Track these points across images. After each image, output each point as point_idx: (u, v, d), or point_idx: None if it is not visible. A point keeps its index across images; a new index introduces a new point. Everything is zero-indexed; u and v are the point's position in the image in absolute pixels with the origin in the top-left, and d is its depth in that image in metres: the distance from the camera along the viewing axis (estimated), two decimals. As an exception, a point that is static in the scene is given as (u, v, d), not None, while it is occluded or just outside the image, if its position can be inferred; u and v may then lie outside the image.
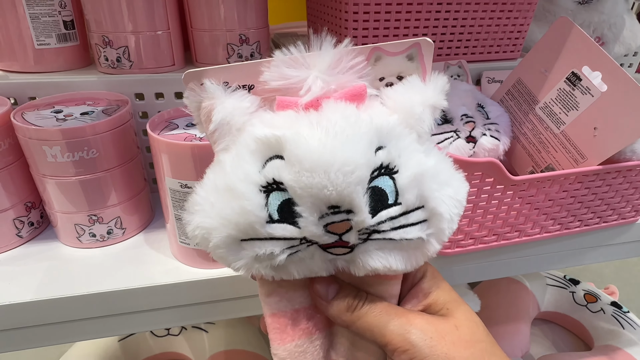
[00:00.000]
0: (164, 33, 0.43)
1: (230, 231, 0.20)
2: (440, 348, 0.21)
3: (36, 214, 0.41)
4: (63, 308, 0.35)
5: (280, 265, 0.21)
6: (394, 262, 0.21)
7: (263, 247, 0.20)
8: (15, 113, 0.37)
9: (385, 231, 0.20)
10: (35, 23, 0.41)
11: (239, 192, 0.19)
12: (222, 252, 0.20)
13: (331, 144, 0.19)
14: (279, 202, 0.20)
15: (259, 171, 0.20)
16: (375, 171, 0.20)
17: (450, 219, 0.21)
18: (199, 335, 0.72)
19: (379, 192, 0.20)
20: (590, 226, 0.45)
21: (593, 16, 0.64)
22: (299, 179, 0.19)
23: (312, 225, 0.19)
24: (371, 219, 0.20)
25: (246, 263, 0.20)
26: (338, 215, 0.19)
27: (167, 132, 0.35)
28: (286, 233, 0.20)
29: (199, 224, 0.20)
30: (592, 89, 0.38)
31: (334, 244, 0.20)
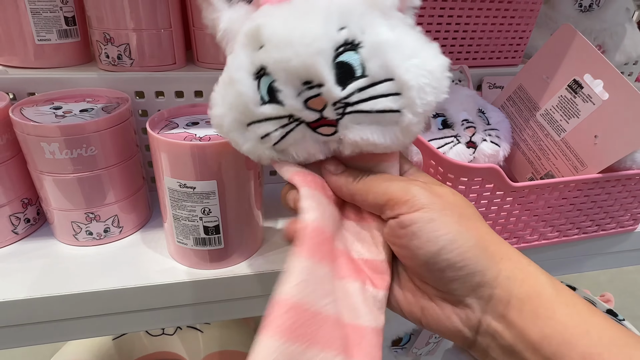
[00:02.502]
0: (165, 31, 0.43)
1: (234, 114, 0.24)
2: (438, 201, 0.23)
3: (33, 210, 0.41)
4: (58, 306, 0.35)
5: (279, 147, 0.24)
6: (371, 135, 0.23)
7: (261, 127, 0.24)
8: (14, 108, 0.37)
9: (357, 102, 0.22)
10: (36, 18, 0.41)
11: (235, 79, 0.23)
12: (233, 135, 0.25)
13: (292, 22, 0.22)
14: (267, 84, 0.23)
15: (251, 61, 0.23)
16: (340, 47, 0.22)
17: (420, 88, 0.22)
18: (194, 335, 0.71)
19: (346, 66, 0.22)
20: (588, 234, 0.45)
21: (594, 24, 0.64)
22: (270, 55, 0.22)
23: (292, 100, 0.22)
24: (341, 91, 0.22)
25: (252, 144, 0.24)
26: (312, 90, 0.22)
27: (167, 131, 0.35)
28: (274, 111, 0.23)
29: (215, 114, 0.25)
30: (593, 97, 0.38)
31: (319, 122, 0.23)
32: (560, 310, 0.22)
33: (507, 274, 0.22)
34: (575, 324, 0.21)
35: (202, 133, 0.35)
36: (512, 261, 0.23)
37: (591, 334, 0.21)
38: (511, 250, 0.24)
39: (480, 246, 0.23)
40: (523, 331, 0.22)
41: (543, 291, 0.22)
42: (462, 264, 0.22)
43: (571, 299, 0.22)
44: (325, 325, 0.21)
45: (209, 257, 0.37)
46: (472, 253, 0.22)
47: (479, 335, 0.24)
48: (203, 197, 0.34)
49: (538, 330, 0.21)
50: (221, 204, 0.35)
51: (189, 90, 0.45)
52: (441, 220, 0.23)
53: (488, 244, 0.23)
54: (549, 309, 0.22)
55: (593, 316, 0.22)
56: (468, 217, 0.24)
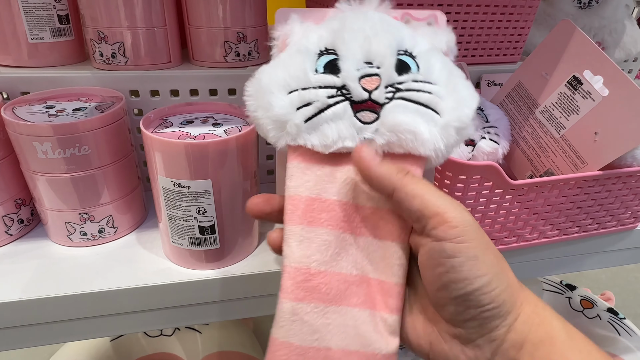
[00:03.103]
0: (160, 29, 0.42)
1: (283, 74, 0.24)
2: (483, 237, 0.22)
3: (26, 211, 0.41)
4: (52, 308, 0.35)
5: (313, 122, 0.23)
6: (414, 121, 0.23)
7: (307, 93, 0.24)
8: (6, 108, 0.36)
9: (407, 90, 0.24)
10: (29, 16, 0.40)
11: (300, 46, 0.25)
12: (271, 95, 0.24)
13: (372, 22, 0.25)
14: (326, 61, 0.24)
15: (318, 40, 0.25)
16: (401, 51, 0.25)
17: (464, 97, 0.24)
18: (192, 336, 0.71)
19: (404, 63, 0.25)
20: (588, 232, 0.45)
21: (594, 21, 0.63)
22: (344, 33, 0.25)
23: (351, 67, 0.24)
24: (397, 76, 0.24)
25: (288, 108, 0.24)
26: (372, 69, 0.24)
27: (161, 130, 0.35)
28: (328, 79, 0.24)
29: (258, 77, 0.25)
30: (593, 94, 0.37)
31: (364, 105, 0.23)
32: (574, 357, 0.21)
33: (524, 318, 0.22)
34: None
35: (196, 132, 0.34)
36: (530, 305, 0.23)
37: None
38: (530, 294, 0.23)
39: (509, 290, 0.22)
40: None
41: (557, 337, 0.22)
42: (490, 306, 0.22)
43: (585, 346, 0.22)
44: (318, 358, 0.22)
45: (204, 257, 0.37)
46: (502, 297, 0.22)
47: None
48: (198, 197, 0.33)
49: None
50: (216, 204, 0.34)
51: (184, 89, 0.44)
52: (483, 259, 0.21)
53: (515, 289, 0.23)
54: (561, 356, 0.21)
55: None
56: (500, 257, 0.23)
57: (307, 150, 0.24)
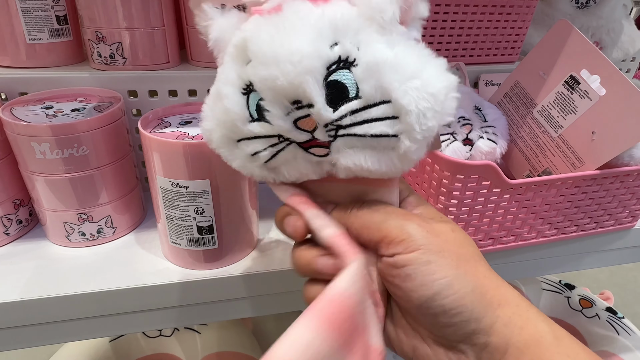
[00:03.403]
0: (158, 30, 0.43)
1: (223, 130, 0.23)
2: (435, 241, 0.22)
3: (25, 211, 0.41)
4: (51, 308, 0.35)
5: (270, 165, 0.23)
6: (364, 161, 0.21)
7: (250, 145, 0.22)
8: (4, 108, 0.36)
9: (349, 126, 0.21)
10: (27, 17, 0.40)
11: (223, 94, 0.22)
12: (222, 151, 0.24)
13: (279, 37, 0.20)
14: (255, 102, 0.21)
15: (238, 75, 0.22)
16: (332, 65, 0.20)
17: (419, 112, 0.20)
18: (192, 337, 0.71)
19: (339, 86, 0.20)
20: (586, 231, 0.45)
21: (591, 21, 0.63)
22: (256, 72, 0.20)
23: (280, 120, 0.21)
24: (332, 113, 0.20)
25: (242, 162, 0.23)
26: (302, 110, 0.20)
27: (160, 130, 0.35)
28: (262, 130, 0.22)
29: (204, 127, 0.24)
30: (590, 93, 0.38)
31: (311, 143, 0.22)
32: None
33: (504, 321, 0.21)
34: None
35: (194, 132, 0.34)
36: (510, 306, 0.22)
37: None
38: (511, 294, 0.22)
39: (477, 292, 0.21)
40: None
41: (543, 340, 0.21)
42: (457, 310, 0.21)
43: (573, 349, 0.21)
44: None
45: (203, 257, 0.37)
46: (468, 299, 0.21)
47: None
48: (196, 197, 0.33)
49: None
50: (215, 204, 0.34)
51: (182, 89, 0.44)
52: (438, 262, 0.21)
53: (487, 289, 0.22)
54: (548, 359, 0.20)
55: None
56: (467, 259, 0.23)
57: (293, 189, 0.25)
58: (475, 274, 0.22)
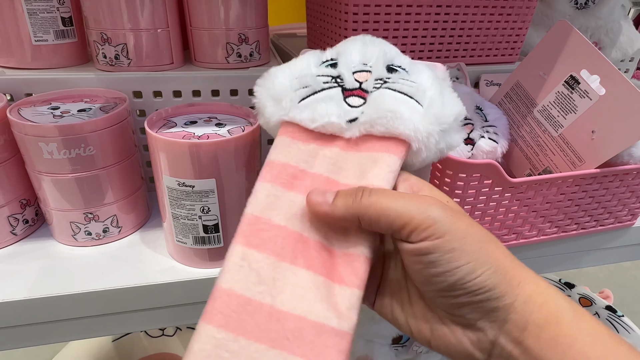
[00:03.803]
0: (163, 31, 0.43)
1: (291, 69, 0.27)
2: (459, 224, 0.22)
3: (31, 211, 0.41)
4: (57, 307, 0.35)
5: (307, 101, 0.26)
6: (394, 103, 0.25)
7: (307, 78, 0.27)
8: (12, 109, 0.36)
9: (394, 83, 0.26)
10: (33, 19, 0.41)
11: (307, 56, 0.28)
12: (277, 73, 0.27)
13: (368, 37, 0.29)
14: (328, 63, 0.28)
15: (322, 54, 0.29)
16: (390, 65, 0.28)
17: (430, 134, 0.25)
18: (194, 336, 0.71)
19: (393, 68, 0.27)
20: (587, 229, 0.45)
21: (590, 21, 0.64)
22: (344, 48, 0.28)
23: (347, 66, 0.27)
24: (387, 73, 0.27)
25: (287, 86, 0.26)
26: (365, 66, 0.27)
27: (166, 130, 0.35)
28: (326, 70, 0.27)
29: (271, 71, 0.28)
30: (590, 93, 0.38)
31: (354, 92, 0.26)
32: (582, 339, 0.20)
33: (524, 298, 0.21)
34: (597, 355, 0.20)
35: (200, 132, 0.35)
36: (530, 285, 0.22)
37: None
38: (530, 274, 0.22)
39: (499, 272, 0.21)
40: (541, 358, 0.20)
41: (563, 317, 0.21)
42: (480, 292, 0.21)
43: (593, 327, 0.21)
44: (259, 314, 0.20)
45: (208, 255, 0.37)
46: (491, 280, 0.21)
47: (492, 358, 0.23)
48: (202, 196, 0.34)
49: (557, 359, 0.20)
50: (220, 202, 0.35)
51: (186, 90, 0.45)
52: (462, 249, 0.21)
53: (507, 269, 0.22)
54: (568, 337, 0.20)
55: (617, 345, 0.20)
56: (487, 240, 0.22)
57: (296, 128, 0.26)
58: (496, 254, 0.22)
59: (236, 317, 0.20)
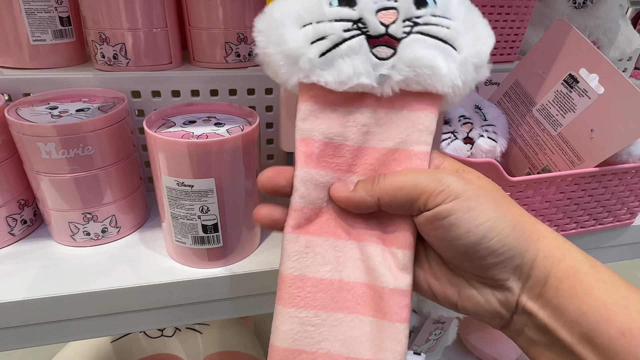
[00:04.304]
0: (161, 31, 0.43)
1: (297, 7, 0.23)
2: (472, 188, 0.23)
3: (29, 211, 0.41)
4: (56, 307, 0.35)
5: (327, 57, 0.23)
6: (432, 55, 0.22)
7: (322, 27, 0.23)
8: (10, 109, 0.36)
9: (425, 25, 0.23)
10: (31, 19, 0.41)
11: None
12: (283, 29, 0.23)
13: None
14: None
15: None
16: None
17: (481, 34, 0.24)
18: (193, 337, 0.71)
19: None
20: (585, 228, 0.45)
21: (588, 21, 0.64)
22: None
23: (368, 3, 0.22)
24: (416, 10, 0.23)
25: (301, 43, 0.23)
26: (389, 1, 0.23)
27: (164, 130, 0.35)
28: (343, 11, 0.23)
29: (270, 12, 0.24)
30: (589, 91, 0.38)
31: (380, 40, 0.23)
32: (598, 287, 0.21)
33: (545, 253, 0.22)
34: (613, 300, 0.21)
35: (199, 131, 0.35)
36: (548, 240, 0.23)
37: (629, 309, 0.21)
38: (547, 229, 0.24)
39: (519, 229, 0.22)
40: (560, 309, 0.22)
41: (580, 269, 0.22)
42: (503, 249, 0.22)
43: (609, 276, 0.22)
44: (331, 289, 0.23)
45: (207, 255, 0.37)
46: (512, 237, 0.22)
47: (515, 315, 0.24)
48: (201, 195, 0.34)
49: (575, 308, 0.21)
50: (219, 202, 0.34)
51: (185, 90, 0.45)
52: (479, 208, 0.22)
53: (525, 225, 0.23)
54: (586, 286, 0.21)
55: (631, 292, 0.21)
56: (502, 200, 0.23)
57: (320, 91, 0.24)
58: (512, 213, 0.23)
59: (313, 297, 0.23)
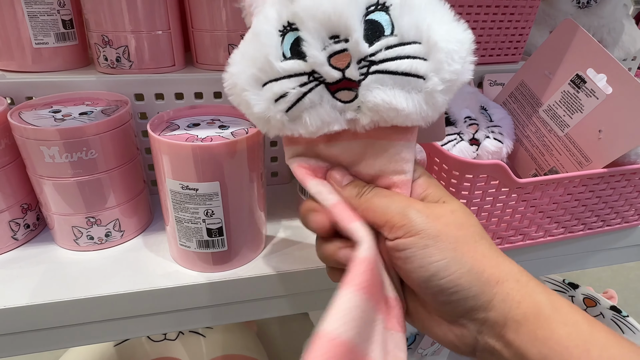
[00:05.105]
0: (164, 33, 0.43)
1: (252, 70, 0.23)
2: (434, 226, 0.23)
3: (32, 216, 0.41)
4: (59, 312, 0.34)
5: (292, 113, 0.23)
6: (394, 98, 0.22)
7: (278, 85, 0.22)
8: (12, 113, 0.36)
9: (382, 61, 0.22)
10: (34, 22, 0.40)
11: (259, 32, 0.23)
12: (246, 94, 0.23)
13: None
14: (291, 40, 0.22)
15: (279, 14, 0.23)
16: (371, 6, 0.22)
17: (448, 52, 0.22)
18: (197, 340, 0.71)
19: (375, 24, 0.22)
20: (593, 230, 0.45)
21: (593, 20, 0.64)
22: (301, 3, 0.21)
23: (316, 51, 0.21)
24: (368, 47, 0.21)
25: (265, 105, 0.23)
26: (338, 44, 0.21)
27: (168, 133, 0.35)
28: (295, 66, 0.22)
29: (231, 71, 0.24)
30: (597, 92, 0.38)
31: (340, 84, 0.22)
32: (559, 330, 0.21)
33: (502, 297, 0.22)
34: (575, 344, 0.21)
35: (203, 134, 0.34)
36: (509, 282, 0.23)
37: (591, 352, 0.20)
38: (510, 269, 0.23)
39: (474, 271, 0.22)
40: (522, 351, 0.21)
41: (541, 311, 0.22)
42: (454, 289, 0.22)
43: (571, 317, 0.22)
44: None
45: (212, 259, 0.37)
46: (465, 279, 0.22)
47: (478, 351, 0.24)
48: (206, 199, 0.33)
49: (537, 351, 0.21)
50: (224, 206, 0.34)
51: (188, 92, 0.44)
52: (436, 246, 0.23)
53: (484, 268, 0.23)
54: (547, 329, 0.21)
55: (594, 333, 0.21)
56: (466, 241, 0.23)
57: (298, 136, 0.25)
58: (473, 254, 0.23)
59: None
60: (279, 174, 0.52)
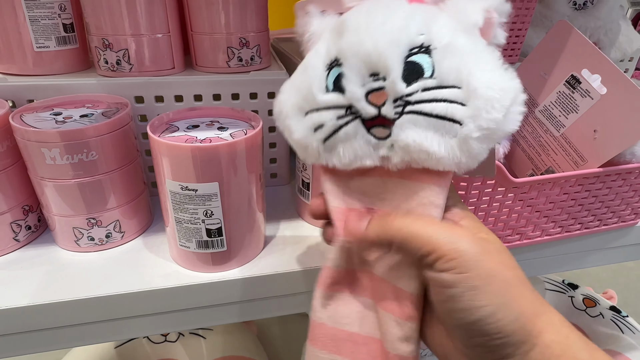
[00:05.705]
0: (164, 36, 0.43)
1: (297, 99, 0.25)
2: (486, 263, 0.21)
3: (34, 217, 0.41)
4: (60, 313, 0.35)
5: (329, 143, 0.24)
6: (425, 140, 0.21)
7: (318, 115, 0.24)
8: (14, 115, 0.36)
9: (418, 102, 0.22)
10: (35, 26, 0.41)
11: (309, 64, 0.25)
12: (289, 121, 0.25)
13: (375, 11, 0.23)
14: (335, 75, 0.23)
15: (327, 50, 0.24)
16: (414, 49, 0.22)
17: (487, 99, 0.21)
18: (197, 342, 0.71)
19: (416, 66, 0.22)
20: (590, 229, 0.45)
21: (589, 22, 0.64)
22: (346, 39, 0.23)
23: (355, 87, 0.22)
24: (405, 87, 0.22)
25: (304, 133, 0.24)
26: (377, 82, 0.22)
27: (168, 135, 0.35)
28: (335, 99, 0.23)
29: (279, 99, 0.26)
30: (591, 92, 0.38)
31: (375, 121, 0.23)
32: None
33: (541, 348, 0.21)
34: None
35: (202, 136, 0.35)
36: (550, 333, 0.21)
37: None
38: (552, 319, 0.22)
39: (521, 320, 0.21)
40: None
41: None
42: (498, 335, 0.21)
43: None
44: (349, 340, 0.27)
45: (211, 260, 0.37)
46: (510, 327, 0.21)
47: None
48: (205, 200, 0.34)
49: None
50: (223, 206, 0.34)
51: (188, 95, 0.45)
52: (485, 290, 0.21)
53: (530, 316, 0.21)
54: None
55: None
56: (515, 284, 0.22)
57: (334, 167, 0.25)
58: (520, 301, 0.22)
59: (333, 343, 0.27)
60: (278, 175, 0.53)
